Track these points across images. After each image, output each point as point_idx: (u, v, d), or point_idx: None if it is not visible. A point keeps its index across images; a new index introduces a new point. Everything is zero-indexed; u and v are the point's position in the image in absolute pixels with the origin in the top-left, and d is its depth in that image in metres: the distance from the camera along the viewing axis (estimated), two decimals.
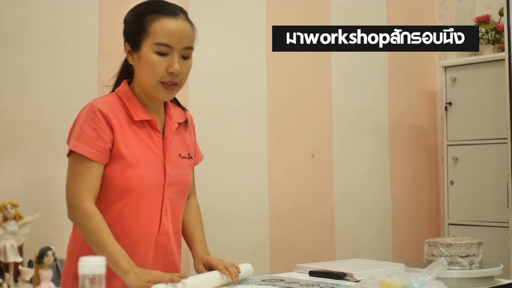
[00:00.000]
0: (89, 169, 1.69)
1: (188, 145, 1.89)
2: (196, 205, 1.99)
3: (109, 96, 1.80)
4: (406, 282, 1.42)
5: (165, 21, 1.71)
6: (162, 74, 1.72)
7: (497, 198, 3.38)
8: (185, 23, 1.74)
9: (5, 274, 1.16)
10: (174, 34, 1.71)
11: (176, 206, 1.84)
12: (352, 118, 3.48)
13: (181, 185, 1.84)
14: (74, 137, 1.72)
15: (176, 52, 1.72)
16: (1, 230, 1.17)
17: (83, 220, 1.67)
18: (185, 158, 1.86)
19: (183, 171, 1.85)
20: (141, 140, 1.76)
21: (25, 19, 2.38)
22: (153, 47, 1.71)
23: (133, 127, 1.76)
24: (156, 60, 1.71)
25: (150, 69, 1.72)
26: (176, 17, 1.73)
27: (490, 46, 3.69)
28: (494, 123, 3.44)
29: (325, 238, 3.32)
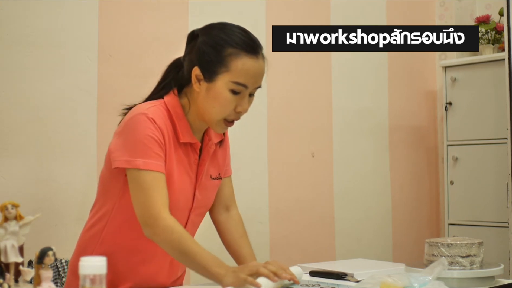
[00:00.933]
0: (158, 180, 1.60)
1: (219, 165, 1.82)
2: (239, 218, 1.90)
3: (158, 107, 1.67)
4: (406, 282, 1.42)
5: (247, 61, 1.63)
6: (230, 112, 1.64)
7: (497, 198, 3.37)
8: (263, 63, 1.67)
9: (5, 274, 1.16)
10: (254, 75, 1.64)
11: (195, 227, 1.80)
12: (352, 118, 3.48)
13: (205, 208, 1.80)
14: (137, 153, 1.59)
15: (248, 92, 1.65)
16: (2, 230, 1.17)
17: (165, 232, 1.57)
18: (215, 179, 1.79)
19: (210, 193, 1.79)
20: (180, 163, 1.68)
21: (25, 19, 2.38)
22: (229, 84, 1.62)
23: (177, 148, 1.68)
24: (229, 98, 1.62)
25: (219, 106, 1.63)
26: (258, 56, 1.65)
27: (490, 46, 3.69)
28: (494, 123, 3.44)
29: (325, 238, 3.32)
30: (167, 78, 1.76)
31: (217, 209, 1.88)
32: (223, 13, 2.98)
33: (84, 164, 2.53)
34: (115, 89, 2.61)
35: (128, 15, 2.67)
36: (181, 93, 1.73)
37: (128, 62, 2.65)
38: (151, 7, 2.74)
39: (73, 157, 2.48)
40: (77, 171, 2.50)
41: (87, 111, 2.54)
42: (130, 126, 1.63)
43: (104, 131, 2.55)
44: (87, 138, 2.53)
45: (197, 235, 1.97)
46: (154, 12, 2.73)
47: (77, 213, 2.48)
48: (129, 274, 1.71)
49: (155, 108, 1.66)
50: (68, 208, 2.46)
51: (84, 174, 2.52)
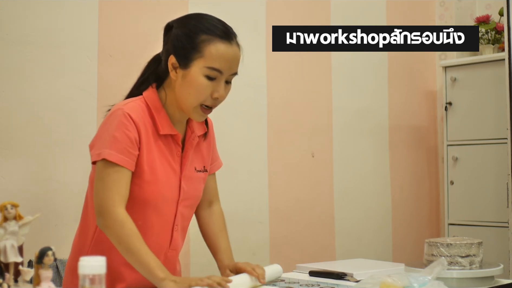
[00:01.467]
0: (120, 175, 1.62)
1: (204, 158, 1.84)
2: (220, 213, 1.94)
3: (136, 102, 1.71)
4: (406, 282, 1.42)
5: (221, 46, 1.66)
6: (206, 98, 1.67)
7: (497, 198, 3.37)
8: (237, 49, 1.70)
9: (5, 274, 1.16)
10: (228, 60, 1.66)
11: (186, 220, 1.82)
12: (352, 118, 3.48)
13: (193, 199, 1.81)
14: (106, 144, 1.63)
15: (224, 77, 1.68)
16: (2, 230, 1.17)
17: (115, 225, 1.59)
18: (200, 171, 1.82)
19: (197, 185, 1.81)
20: (162, 155, 1.71)
21: (25, 19, 2.38)
22: (204, 70, 1.65)
23: (157, 140, 1.70)
24: (204, 83, 1.65)
25: (195, 91, 1.66)
26: (231, 42, 1.68)
27: (490, 46, 3.69)
28: (494, 123, 3.44)
29: (325, 238, 3.32)
30: (146, 73, 1.80)
31: (200, 205, 1.91)
32: (223, 13, 2.97)
33: (84, 164, 2.51)
34: (115, 89, 2.60)
35: (128, 15, 2.67)
36: (160, 87, 1.77)
37: (128, 62, 2.65)
38: (151, 7, 2.74)
39: (73, 157, 2.48)
40: (77, 171, 2.50)
41: (87, 111, 2.54)
42: (106, 122, 1.68)
43: None
44: (87, 138, 2.51)
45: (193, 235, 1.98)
46: (154, 12, 2.73)
47: (77, 213, 2.47)
48: (125, 272, 1.71)
49: (132, 104, 1.69)
50: (68, 208, 2.46)
51: (84, 174, 2.51)
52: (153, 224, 1.72)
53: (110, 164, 1.62)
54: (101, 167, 1.64)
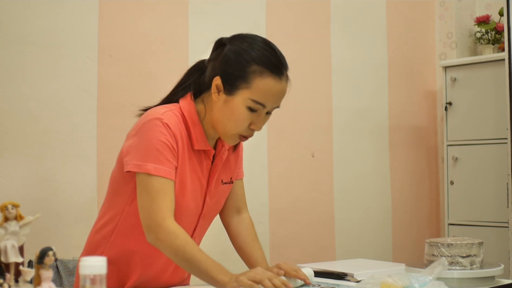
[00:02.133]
0: (166, 187, 1.58)
1: (232, 169, 1.80)
2: (250, 221, 1.88)
3: (174, 111, 1.65)
4: (406, 282, 1.42)
5: (270, 81, 1.60)
6: (244, 128, 1.63)
7: (497, 198, 3.38)
8: (286, 85, 1.65)
9: (6, 274, 1.16)
10: (274, 96, 1.62)
11: (203, 231, 1.80)
12: (352, 118, 3.48)
13: (214, 213, 1.79)
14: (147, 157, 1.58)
15: (266, 110, 1.64)
16: (2, 230, 1.17)
17: (168, 238, 1.55)
18: (227, 183, 1.78)
19: (221, 198, 1.78)
20: (193, 169, 1.67)
21: (25, 19, 2.38)
22: (248, 101, 1.60)
23: (191, 154, 1.67)
24: (245, 115, 1.61)
25: (235, 120, 1.62)
26: (282, 78, 1.62)
27: (490, 46, 3.70)
28: (494, 123, 3.44)
29: (325, 238, 3.32)
30: (188, 80, 1.73)
31: (228, 212, 1.86)
32: (223, 13, 2.98)
33: (84, 164, 2.53)
34: (115, 89, 2.61)
35: (128, 15, 2.67)
36: (198, 98, 1.71)
37: (128, 62, 2.65)
38: (151, 7, 2.74)
39: (73, 157, 2.48)
40: (77, 171, 2.50)
41: (87, 111, 2.54)
42: (144, 130, 1.61)
43: (104, 131, 2.55)
44: (87, 138, 2.53)
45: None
46: (154, 12, 2.73)
47: (77, 213, 2.48)
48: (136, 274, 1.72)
49: (170, 113, 1.63)
50: (68, 208, 2.46)
51: (84, 174, 2.52)
52: None
53: (155, 178, 1.57)
54: (145, 180, 1.59)
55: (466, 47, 3.89)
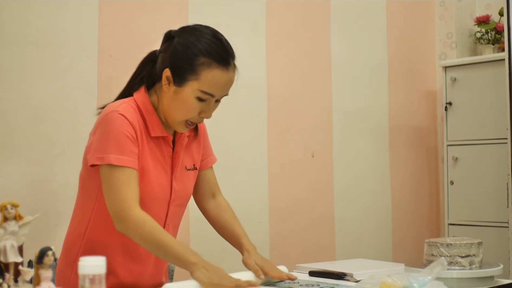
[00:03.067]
0: (129, 177, 1.63)
1: (194, 156, 1.86)
2: (226, 203, 1.97)
3: (129, 103, 1.72)
4: (406, 282, 1.42)
5: (218, 73, 1.66)
6: (193, 116, 1.70)
7: (497, 198, 3.38)
8: (233, 73, 1.71)
9: (5, 274, 1.16)
10: (222, 85, 1.69)
11: (178, 219, 1.84)
12: (352, 118, 3.48)
13: (184, 198, 1.83)
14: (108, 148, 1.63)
15: (215, 99, 1.71)
16: (1, 230, 1.17)
17: (136, 226, 1.61)
18: (191, 170, 1.84)
19: (188, 184, 1.83)
20: (153, 156, 1.73)
21: (25, 19, 2.38)
22: (197, 92, 1.67)
23: (150, 141, 1.73)
24: (195, 105, 1.68)
25: (184, 110, 1.69)
26: (228, 67, 1.69)
27: (490, 46, 3.70)
28: (494, 123, 3.44)
29: (325, 238, 3.32)
30: (142, 71, 1.82)
31: (204, 198, 1.94)
32: (223, 13, 2.98)
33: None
34: (115, 89, 2.60)
35: (128, 15, 2.67)
36: (151, 89, 1.78)
37: (128, 62, 2.64)
38: (151, 7, 2.74)
39: (73, 157, 2.48)
40: (77, 171, 2.48)
41: (87, 111, 2.53)
42: (103, 124, 1.68)
43: None
44: (87, 139, 2.53)
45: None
46: (154, 12, 2.73)
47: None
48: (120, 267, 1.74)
49: (125, 105, 1.71)
50: (68, 208, 2.44)
51: None
52: None
53: (117, 168, 1.62)
54: (108, 172, 1.64)
55: (466, 47, 3.89)
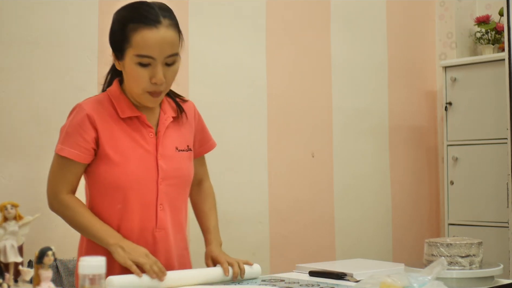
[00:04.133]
0: (68, 166, 1.76)
1: (186, 137, 1.88)
2: (209, 190, 2.02)
3: (98, 96, 1.82)
4: (406, 282, 1.42)
5: (145, 32, 1.67)
6: (146, 84, 1.71)
7: (497, 198, 3.38)
8: (166, 31, 1.70)
9: (5, 274, 1.16)
10: (155, 45, 1.68)
11: (175, 199, 1.84)
12: (352, 118, 3.48)
13: (178, 178, 1.84)
14: (60, 139, 1.77)
15: (159, 62, 1.70)
16: (1, 230, 1.17)
17: (62, 210, 1.77)
18: (183, 151, 1.85)
19: (181, 164, 1.84)
20: (129, 137, 1.77)
21: (26, 19, 2.38)
22: (134, 58, 1.69)
23: (122, 124, 1.77)
24: (139, 71, 1.70)
25: (133, 80, 1.72)
26: (157, 25, 1.68)
27: (490, 46, 3.70)
28: (494, 123, 3.44)
29: (325, 238, 3.32)
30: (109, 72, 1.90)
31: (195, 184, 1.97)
32: (223, 13, 2.99)
33: None
34: None
35: None
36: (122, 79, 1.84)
37: None
38: None
39: None
40: None
41: None
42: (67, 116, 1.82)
43: None
44: None
45: None
46: None
47: None
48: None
49: (90, 99, 1.81)
50: None
51: None
52: (133, 205, 1.77)
53: (60, 158, 1.76)
54: (54, 159, 1.79)
55: (466, 47, 3.89)
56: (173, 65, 1.74)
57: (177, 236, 1.84)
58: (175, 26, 1.74)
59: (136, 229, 1.76)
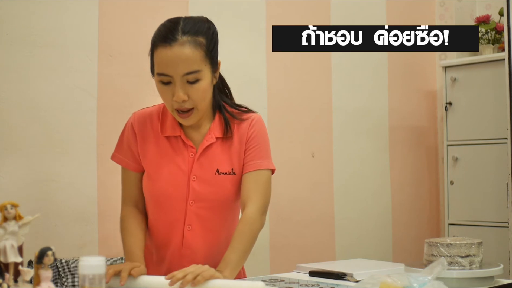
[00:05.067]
0: (127, 176, 1.83)
1: (233, 160, 1.80)
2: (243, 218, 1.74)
3: (154, 106, 1.85)
4: (406, 282, 1.42)
5: (161, 51, 1.66)
6: (171, 102, 1.70)
7: (497, 198, 3.38)
8: (182, 48, 1.65)
9: (5, 274, 1.16)
10: (170, 63, 1.65)
11: (209, 221, 1.79)
12: (352, 118, 3.48)
13: (213, 202, 1.78)
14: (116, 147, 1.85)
15: (178, 80, 1.66)
16: (1, 230, 1.17)
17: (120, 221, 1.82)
18: (225, 174, 1.78)
19: (219, 188, 1.78)
20: (165, 155, 1.78)
21: (26, 19, 2.38)
22: (157, 77, 1.70)
23: (162, 141, 1.79)
24: (163, 89, 1.70)
25: (163, 98, 1.73)
26: (172, 43, 1.65)
27: (490, 46, 3.70)
28: (494, 123, 3.44)
29: (325, 238, 3.32)
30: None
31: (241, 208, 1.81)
32: (223, 13, 2.99)
33: (84, 164, 2.53)
34: (115, 89, 2.61)
35: (128, 15, 2.67)
36: None
37: (128, 62, 2.65)
38: (151, 7, 2.74)
39: (73, 157, 2.48)
40: (77, 171, 2.50)
41: (87, 111, 2.54)
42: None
43: (104, 131, 2.55)
44: (87, 138, 2.53)
45: None
46: (154, 12, 2.73)
47: (77, 213, 2.48)
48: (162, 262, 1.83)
49: (148, 108, 1.85)
50: (68, 208, 2.46)
51: (84, 174, 2.52)
52: (161, 220, 1.80)
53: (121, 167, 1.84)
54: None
55: None
56: (197, 82, 1.68)
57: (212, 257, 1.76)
58: (195, 42, 1.67)
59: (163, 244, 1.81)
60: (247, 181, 1.79)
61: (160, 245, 1.82)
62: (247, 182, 1.79)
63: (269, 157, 1.86)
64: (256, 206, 1.75)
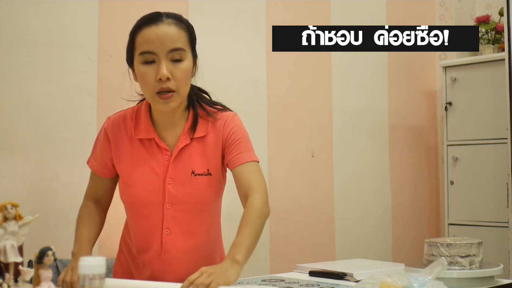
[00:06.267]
0: (95, 178, 1.88)
1: (209, 160, 1.78)
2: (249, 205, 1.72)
3: (127, 110, 1.84)
4: (406, 282, 1.42)
5: (145, 30, 1.69)
6: (153, 83, 1.67)
7: (497, 198, 3.38)
8: (168, 27, 1.69)
9: (5, 274, 1.16)
10: (154, 39, 1.67)
11: (188, 224, 1.78)
12: (352, 118, 3.48)
13: (190, 204, 1.77)
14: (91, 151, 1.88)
15: (162, 57, 1.67)
16: (1, 230, 1.17)
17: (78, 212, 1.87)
18: (201, 175, 1.77)
19: (195, 190, 1.76)
20: (139, 158, 1.76)
21: (25, 19, 2.38)
22: (139, 58, 1.69)
23: (136, 144, 1.77)
24: (144, 70, 1.68)
25: (143, 82, 1.70)
26: (158, 23, 1.69)
27: (490, 46, 3.70)
28: (494, 123, 3.44)
29: (325, 238, 3.32)
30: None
31: (242, 202, 1.80)
32: (223, 13, 2.99)
33: (84, 164, 2.52)
34: (115, 89, 2.61)
35: (128, 15, 2.66)
36: None
37: None
38: (151, 7, 2.72)
39: (73, 156, 2.48)
40: (77, 170, 2.49)
41: (87, 111, 2.54)
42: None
43: None
44: (87, 138, 2.53)
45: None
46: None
47: (77, 213, 2.48)
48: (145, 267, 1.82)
49: (121, 112, 1.85)
50: (68, 208, 2.46)
51: (84, 174, 2.51)
52: (139, 225, 1.79)
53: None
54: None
55: None
56: (181, 62, 1.70)
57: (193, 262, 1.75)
58: (179, 25, 1.72)
59: (143, 248, 1.80)
60: (243, 172, 1.77)
61: (141, 250, 1.81)
62: (243, 173, 1.77)
63: (253, 150, 1.86)
64: (260, 194, 1.74)
